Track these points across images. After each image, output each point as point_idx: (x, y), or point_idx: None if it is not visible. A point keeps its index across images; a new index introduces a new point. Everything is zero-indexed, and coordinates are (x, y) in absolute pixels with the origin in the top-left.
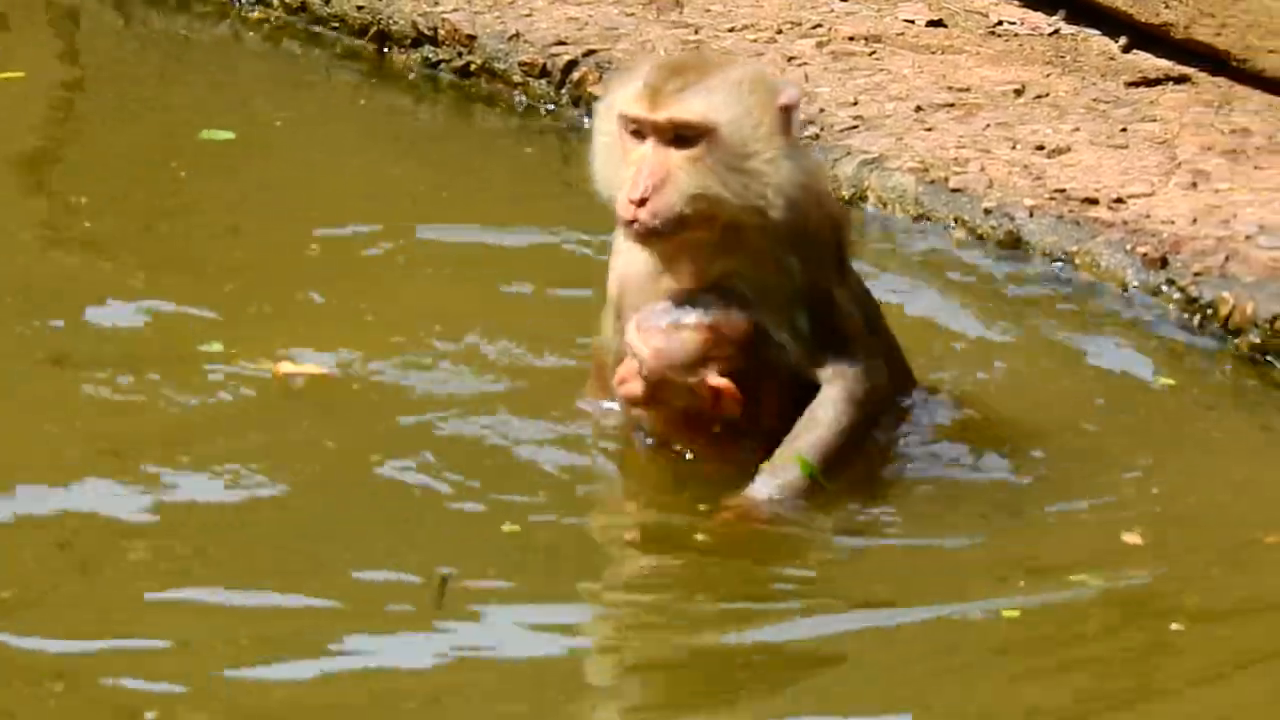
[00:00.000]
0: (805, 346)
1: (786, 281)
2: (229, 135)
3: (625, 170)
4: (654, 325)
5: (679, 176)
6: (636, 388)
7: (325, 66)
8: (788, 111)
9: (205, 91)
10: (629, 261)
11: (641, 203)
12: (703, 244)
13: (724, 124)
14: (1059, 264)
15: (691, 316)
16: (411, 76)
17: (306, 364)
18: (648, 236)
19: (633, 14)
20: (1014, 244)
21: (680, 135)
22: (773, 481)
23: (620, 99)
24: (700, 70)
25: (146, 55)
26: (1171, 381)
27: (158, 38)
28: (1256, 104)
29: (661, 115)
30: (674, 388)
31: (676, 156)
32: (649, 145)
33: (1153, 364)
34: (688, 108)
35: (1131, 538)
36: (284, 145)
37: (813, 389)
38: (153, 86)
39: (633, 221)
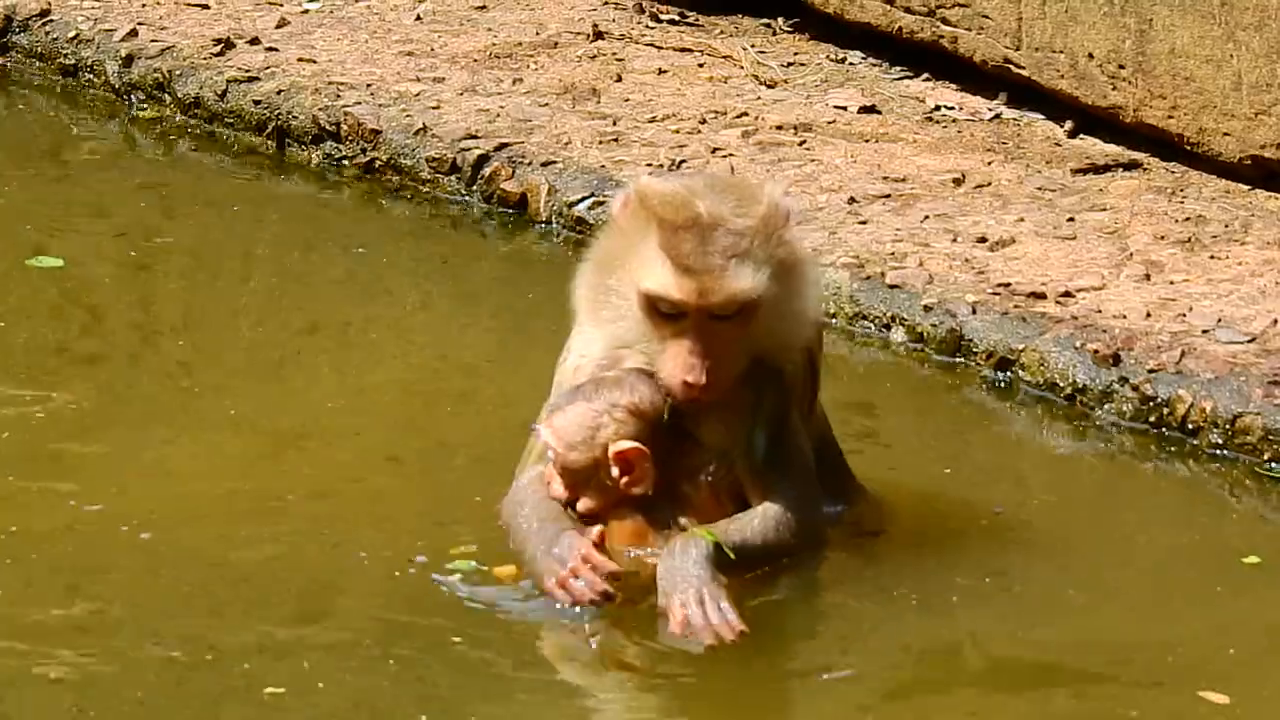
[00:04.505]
0: (752, 464)
1: (753, 400)
2: (57, 262)
3: (658, 341)
4: (555, 408)
5: (731, 349)
6: (558, 486)
7: (219, 165)
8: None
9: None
10: (580, 359)
11: (699, 381)
12: None
13: (765, 290)
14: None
15: (584, 394)
16: (313, 172)
17: None
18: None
19: (546, 104)
20: (956, 343)
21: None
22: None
23: (649, 279)
24: (723, 237)
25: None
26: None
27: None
28: (1212, 190)
29: (708, 301)
30: (585, 473)
31: (721, 330)
32: (690, 324)
33: (1113, 469)
34: (733, 291)
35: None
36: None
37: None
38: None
39: (691, 397)
